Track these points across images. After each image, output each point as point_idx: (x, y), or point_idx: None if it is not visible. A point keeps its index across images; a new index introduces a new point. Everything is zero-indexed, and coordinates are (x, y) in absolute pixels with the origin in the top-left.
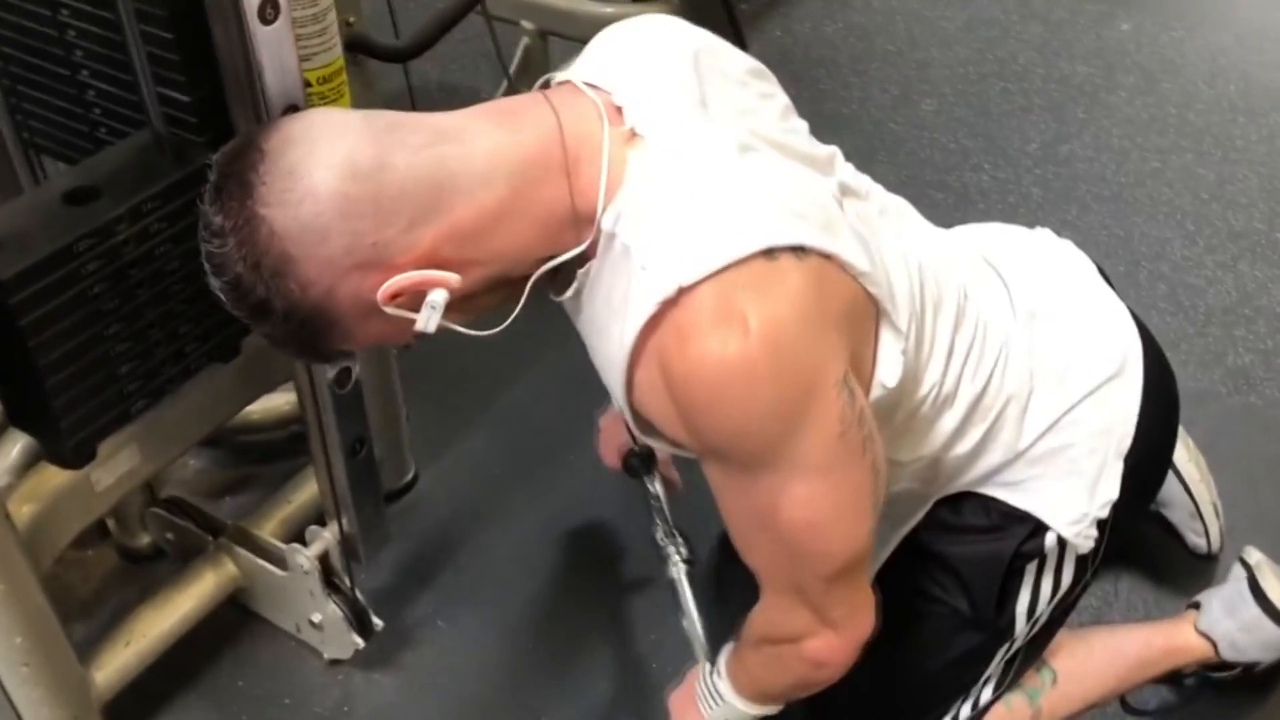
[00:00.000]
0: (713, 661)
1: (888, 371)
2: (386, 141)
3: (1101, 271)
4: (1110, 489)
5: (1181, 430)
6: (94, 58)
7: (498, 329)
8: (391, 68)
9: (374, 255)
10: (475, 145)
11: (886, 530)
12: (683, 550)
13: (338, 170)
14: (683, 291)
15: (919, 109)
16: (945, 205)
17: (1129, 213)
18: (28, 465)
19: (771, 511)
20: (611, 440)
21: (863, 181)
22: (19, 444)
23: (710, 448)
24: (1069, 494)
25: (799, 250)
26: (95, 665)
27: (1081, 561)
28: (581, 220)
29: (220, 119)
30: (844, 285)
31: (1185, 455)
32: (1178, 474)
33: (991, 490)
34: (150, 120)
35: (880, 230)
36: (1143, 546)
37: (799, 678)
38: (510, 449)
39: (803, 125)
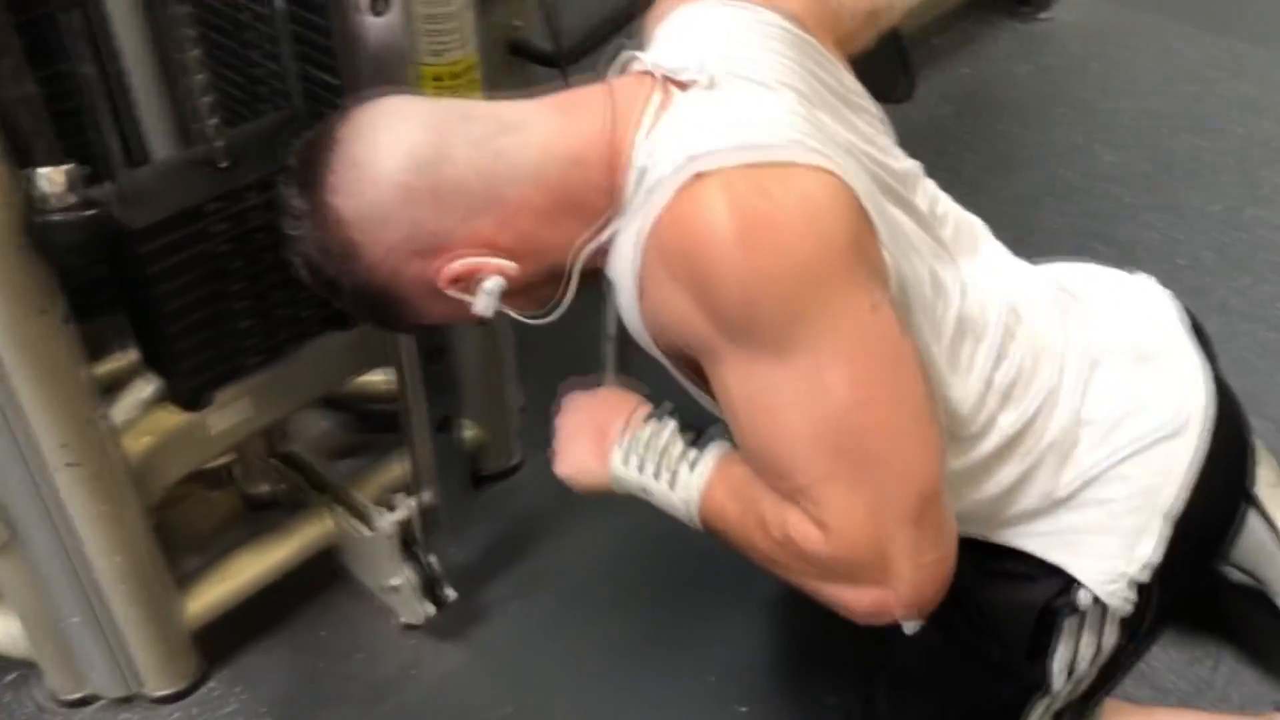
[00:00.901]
0: (683, 448)
1: None
2: (449, 133)
3: (1199, 329)
4: (1150, 551)
5: None
6: (262, 38)
7: (549, 317)
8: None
9: (433, 242)
10: (532, 136)
11: None
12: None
13: (399, 162)
14: (695, 158)
15: (1099, 159)
16: (1107, 260)
17: None
18: (156, 403)
19: (811, 401)
20: None
21: (941, 203)
22: (152, 385)
23: (732, 326)
24: (1104, 550)
25: (831, 173)
26: (191, 595)
27: (1125, 625)
28: (616, 190)
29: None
30: (869, 226)
31: None
32: None
33: (1025, 539)
34: (292, 98)
35: (923, 244)
36: (1251, 635)
37: (830, 599)
38: None
39: (888, 138)
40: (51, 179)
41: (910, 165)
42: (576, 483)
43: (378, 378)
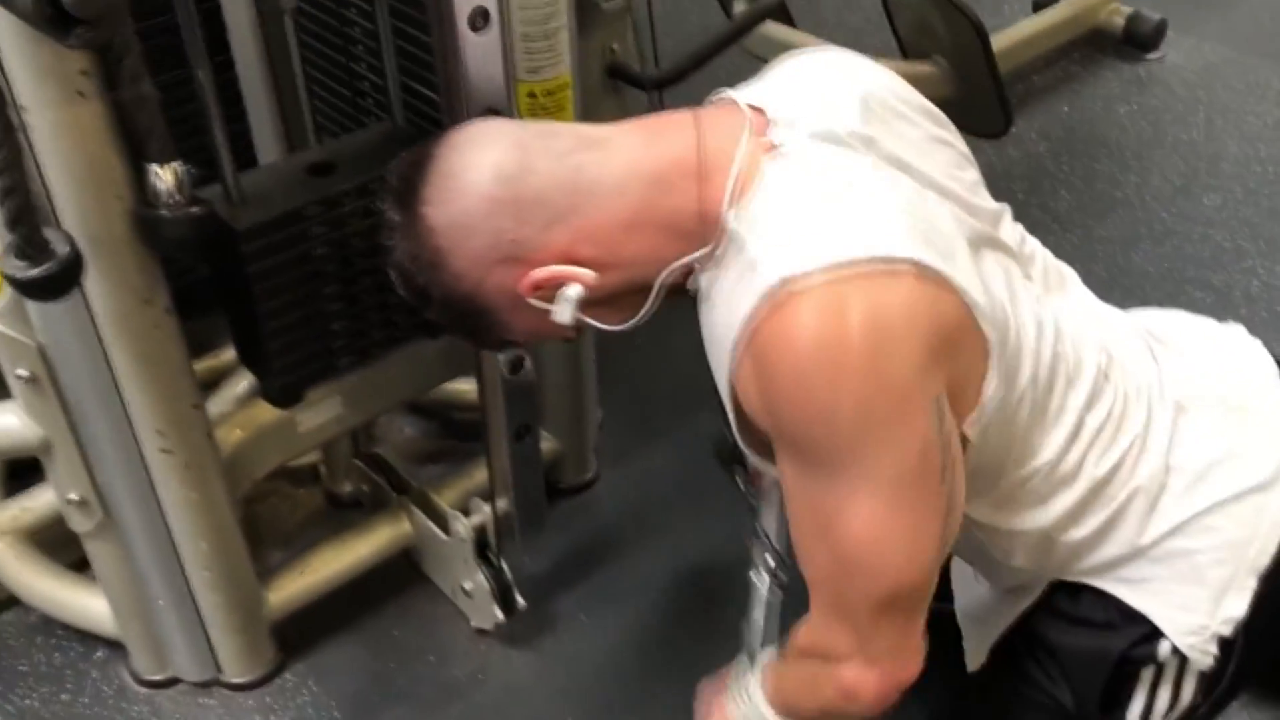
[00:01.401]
0: (753, 662)
1: (982, 415)
2: (534, 148)
3: None
4: (1237, 606)
5: None
6: (368, 51)
7: (627, 326)
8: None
9: (514, 251)
10: (615, 154)
11: (1006, 606)
12: (770, 560)
13: (485, 173)
14: (787, 281)
15: (1200, 202)
16: (1203, 305)
17: None
18: (248, 399)
19: (833, 518)
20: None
21: (1028, 243)
22: (245, 381)
23: (786, 433)
24: (1189, 602)
25: (918, 266)
26: (271, 587)
27: (1204, 680)
28: (707, 223)
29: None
30: (958, 311)
31: None
32: None
33: (1108, 584)
34: (392, 111)
35: (1021, 289)
36: None
37: (827, 704)
38: (688, 471)
39: (973, 177)
40: (163, 176)
41: (997, 206)
42: None
43: (463, 386)
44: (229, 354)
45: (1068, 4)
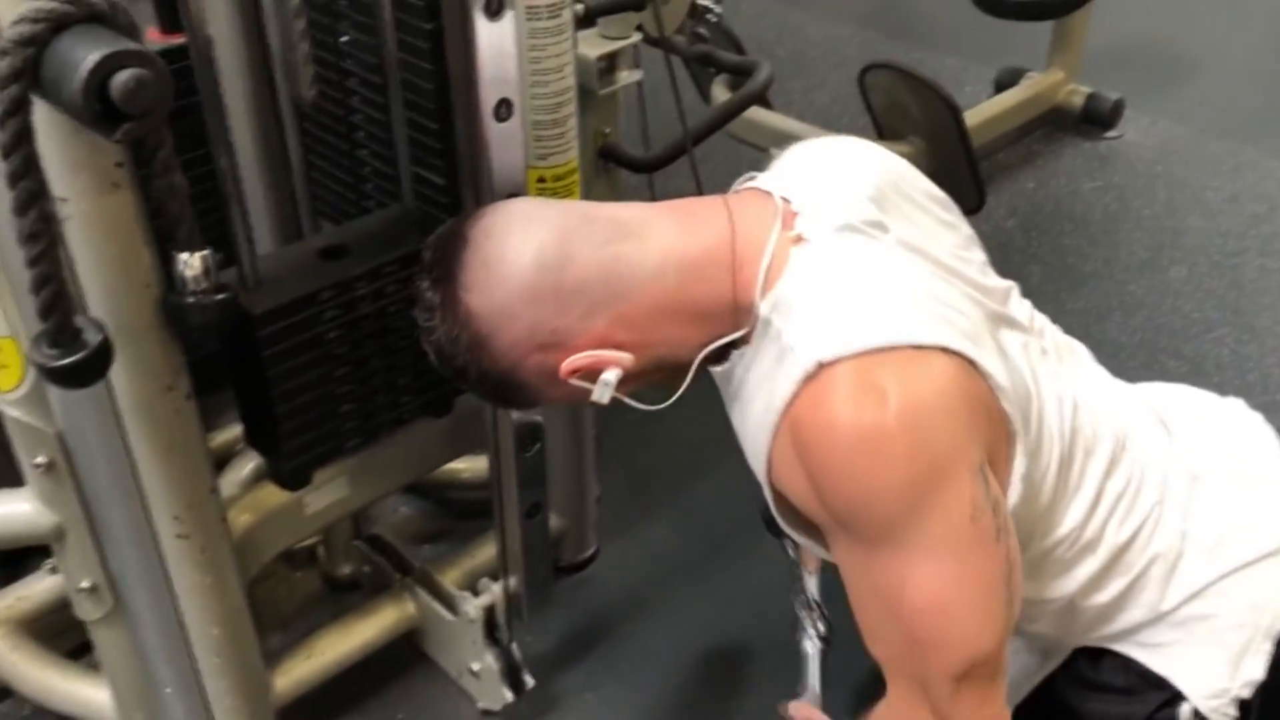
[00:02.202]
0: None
1: (1012, 493)
2: (573, 237)
3: None
4: (1255, 669)
5: None
6: (371, 138)
7: (664, 405)
8: (645, 181)
9: (554, 339)
10: (651, 242)
11: (1027, 673)
12: (820, 625)
13: (527, 262)
14: (823, 366)
15: (1166, 274)
16: (1178, 374)
17: None
18: (255, 481)
19: (896, 593)
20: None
21: (1037, 319)
22: (252, 463)
23: (837, 518)
24: (1210, 665)
25: (946, 351)
26: (278, 671)
27: None
28: (740, 309)
29: (461, 200)
30: (986, 394)
31: None
32: None
33: (1130, 650)
34: (403, 196)
35: (1039, 364)
36: None
37: None
38: (688, 543)
39: (980, 257)
40: (191, 264)
41: (1006, 284)
42: None
43: (458, 465)
44: (225, 435)
45: (1029, 84)
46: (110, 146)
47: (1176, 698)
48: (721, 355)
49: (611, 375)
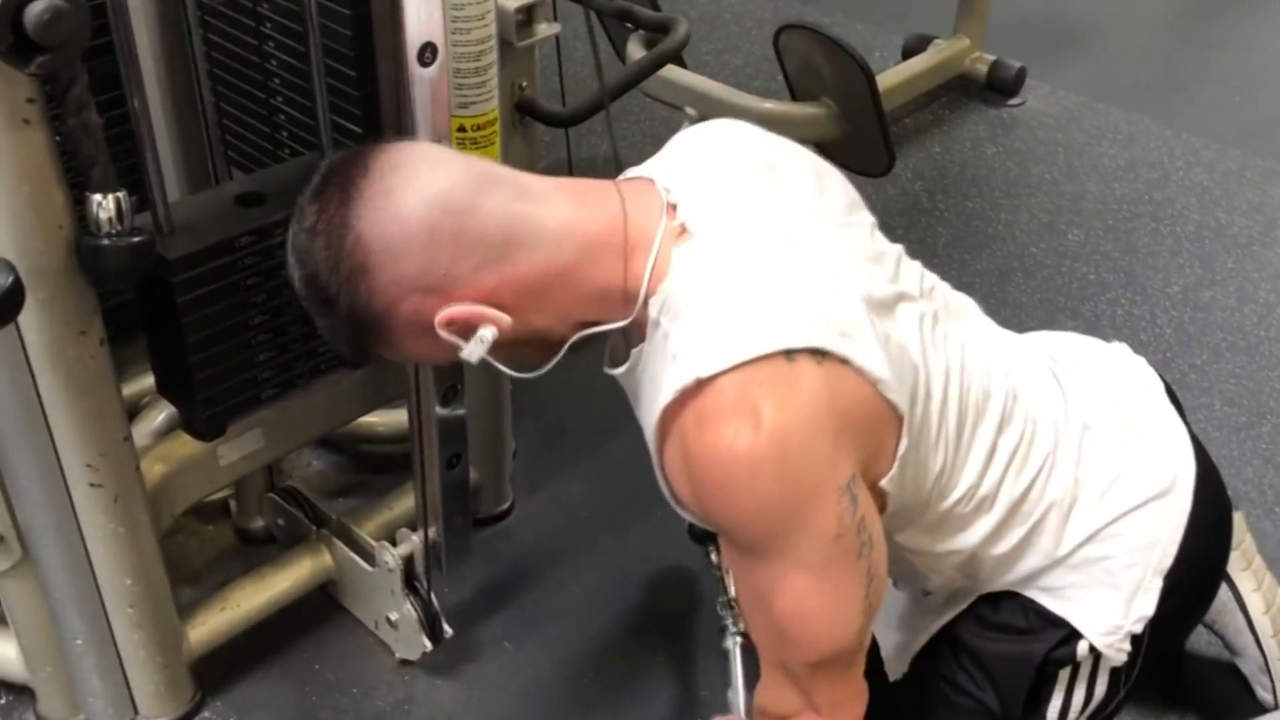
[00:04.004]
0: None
1: (896, 472)
2: (480, 188)
3: (1172, 395)
4: (1146, 605)
5: (1267, 586)
6: (287, 86)
7: (536, 373)
8: (559, 136)
9: (441, 283)
10: (551, 212)
11: (928, 618)
12: (740, 624)
13: (431, 202)
14: (701, 382)
15: (1065, 238)
16: (1073, 332)
17: (1263, 366)
18: (167, 432)
19: (766, 596)
20: None
21: (927, 278)
22: (164, 413)
23: (719, 527)
24: (1104, 605)
25: (817, 353)
26: (192, 623)
27: (1115, 675)
28: (629, 300)
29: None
30: (860, 390)
31: (1262, 608)
32: (1251, 627)
33: (1030, 592)
34: (322, 144)
35: (929, 336)
36: (1205, 691)
37: None
38: (603, 497)
39: (869, 219)
40: (105, 205)
41: (895, 247)
42: None
43: (374, 419)
44: (133, 385)
45: (935, 52)
46: (22, 80)
47: (1074, 635)
48: (618, 355)
49: (488, 333)
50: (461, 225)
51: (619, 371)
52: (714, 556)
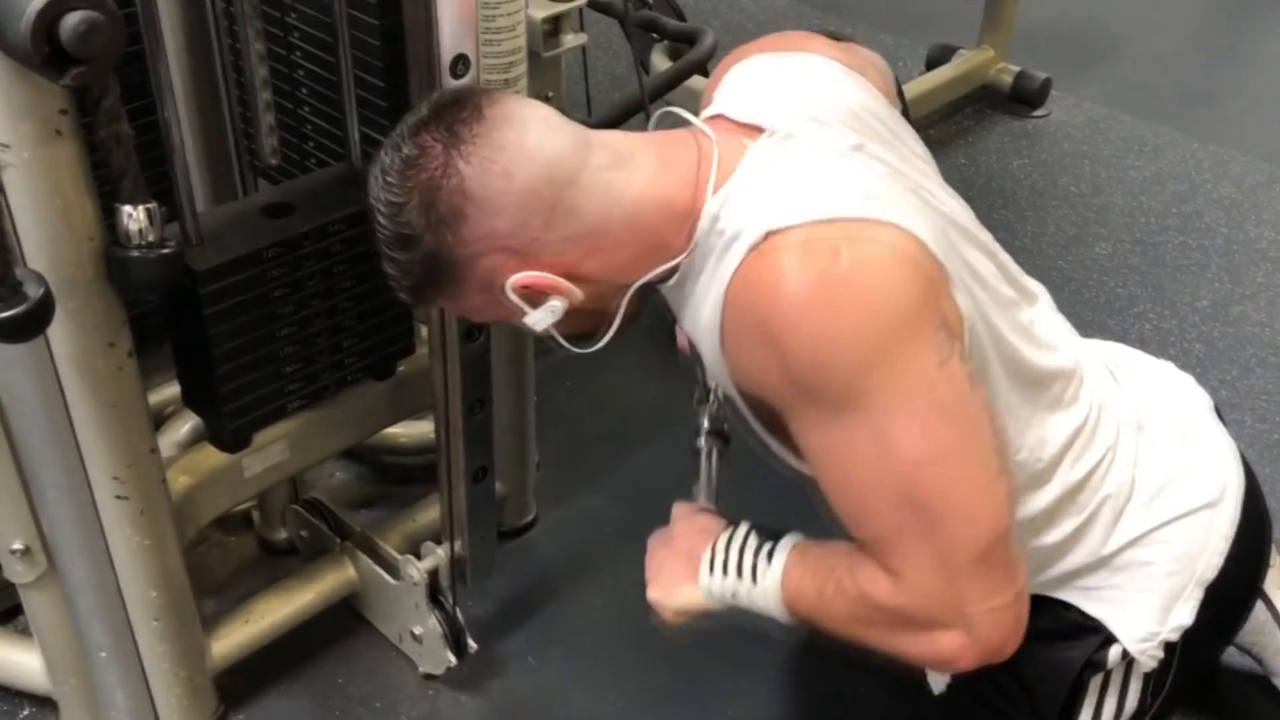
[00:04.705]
0: (760, 544)
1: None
2: (583, 156)
3: (1218, 413)
4: (1185, 614)
5: None
6: (315, 96)
7: (593, 348)
8: None
9: (528, 247)
10: (635, 174)
11: None
12: (721, 426)
13: (541, 165)
14: (770, 234)
15: (1092, 250)
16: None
17: None
18: (192, 443)
19: (882, 459)
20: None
21: (1001, 254)
22: (189, 423)
23: (801, 386)
24: (1143, 610)
25: (897, 228)
26: (215, 635)
27: (1146, 683)
28: (689, 227)
29: None
30: (935, 269)
31: None
32: None
33: (1067, 594)
34: (351, 155)
35: (999, 281)
36: (1240, 711)
37: (908, 653)
38: (627, 512)
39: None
40: (136, 216)
41: (966, 209)
42: (669, 604)
43: (398, 430)
44: (157, 395)
45: (960, 62)
46: (55, 92)
47: (1107, 641)
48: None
49: (559, 304)
50: (559, 195)
51: (669, 284)
52: (699, 375)
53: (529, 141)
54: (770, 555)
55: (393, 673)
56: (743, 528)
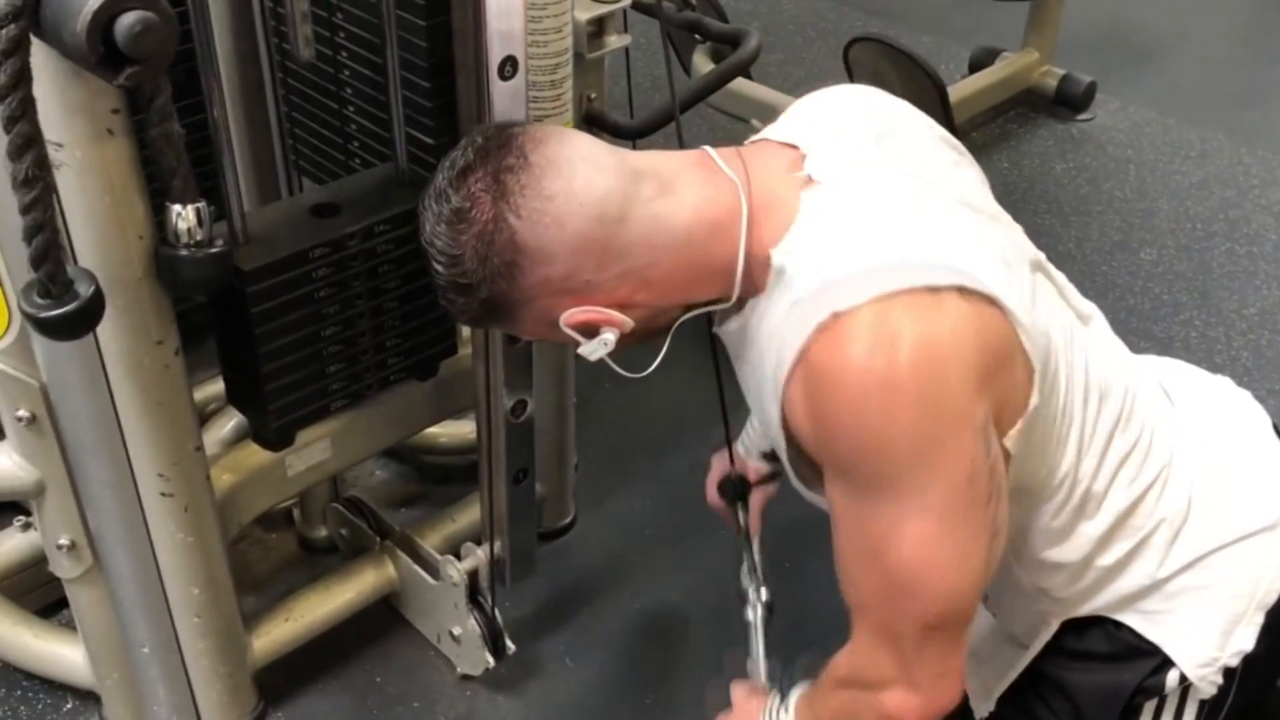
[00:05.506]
0: (782, 695)
1: (1027, 423)
2: (630, 192)
3: (1277, 429)
4: (1245, 639)
5: None
6: (361, 97)
7: (645, 372)
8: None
9: (581, 288)
10: (683, 200)
11: (1012, 650)
12: (763, 594)
13: (590, 208)
14: (838, 315)
15: (1137, 256)
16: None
17: None
18: (235, 440)
19: (884, 543)
20: (717, 478)
21: (1058, 276)
22: (232, 421)
23: (839, 461)
24: (1202, 634)
25: (964, 290)
26: (256, 633)
27: (1201, 707)
28: (756, 264)
29: None
30: (1004, 330)
31: None
32: None
33: (1124, 616)
34: (396, 156)
35: (1056, 305)
36: None
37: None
38: (666, 513)
39: (995, 204)
40: (186, 215)
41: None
42: None
43: (438, 430)
44: (204, 391)
45: (1004, 65)
46: (108, 91)
47: (1164, 664)
48: (726, 312)
49: (611, 336)
50: (610, 234)
51: (729, 328)
52: (741, 518)
53: (577, 186)
54: (788, 706)
55: (430, 673)
56: (775, 699)
